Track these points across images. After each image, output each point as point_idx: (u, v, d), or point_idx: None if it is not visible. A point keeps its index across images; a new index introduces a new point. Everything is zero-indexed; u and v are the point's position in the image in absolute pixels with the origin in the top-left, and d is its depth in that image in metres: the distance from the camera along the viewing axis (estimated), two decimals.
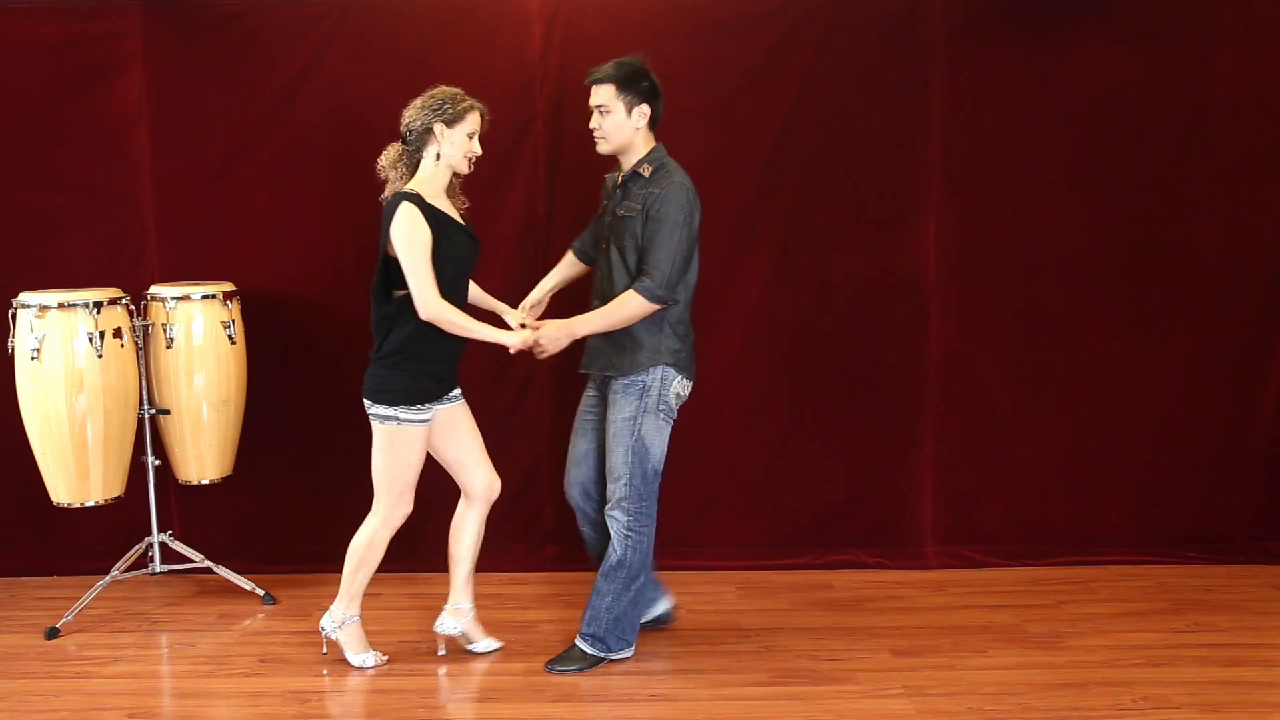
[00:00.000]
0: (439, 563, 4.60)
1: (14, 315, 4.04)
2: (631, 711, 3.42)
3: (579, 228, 4.47)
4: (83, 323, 3.97)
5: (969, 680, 3.58)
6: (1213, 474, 4.58)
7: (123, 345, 4.07)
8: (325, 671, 3.71)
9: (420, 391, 3.54)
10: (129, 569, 4.29)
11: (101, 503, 4.11)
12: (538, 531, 4.64)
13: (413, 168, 3.60)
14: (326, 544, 4.64)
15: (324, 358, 4.55)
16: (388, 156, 3.61)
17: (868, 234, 4.46)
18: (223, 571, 4.33)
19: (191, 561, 4.34)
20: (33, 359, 3.96)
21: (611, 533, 3.66)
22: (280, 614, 4.24)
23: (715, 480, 4.59)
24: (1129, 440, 4.56)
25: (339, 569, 4.58)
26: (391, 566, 4.59)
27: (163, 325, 4.18)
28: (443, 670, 3.73)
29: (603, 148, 3.70)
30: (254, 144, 4.46)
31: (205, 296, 4.21)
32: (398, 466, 3.58)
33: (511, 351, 3.64)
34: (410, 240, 3.41)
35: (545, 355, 3.65)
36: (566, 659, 3.73)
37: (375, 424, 3.56)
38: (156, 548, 4.34)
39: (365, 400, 3.57)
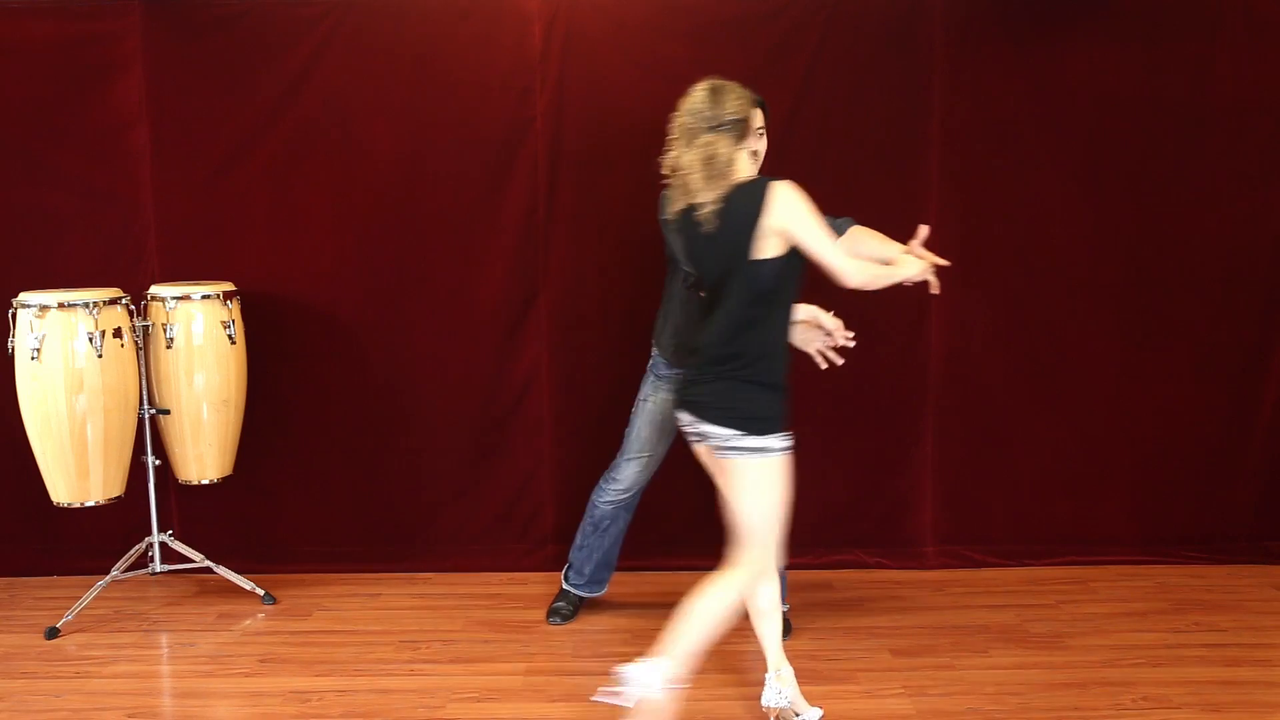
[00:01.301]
0: (438, 562, 4.64)
1: (14, 315, 4.04)
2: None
3: (579, 228, 4.49)
4: (83, 323, 3.97)
5: (969, 680, 3.58)
6: (1213, 474, 4.58)
7: (123, 345, 4.07)
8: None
9: (788, 411, 3.10)
10: (129, 569, 4.29)
11: (101, 503, 4.11)
12: (538, 531, 4.64)
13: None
14: (326, 544, 4.66)
15: (324, 358, 4.55)
16: (730, 146, 3.06)
17: None
18: (223, 571, 4.33)
19: (191, 561, 4.34)
20: (33, 359, 3.96)
21: None
22: (280, 614, 4.24)
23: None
24: (1129, 440, 4.56)
25: (339, 569, 4.61)
26: (392, 566, 4.63)
27: (163, 325, 4.18)
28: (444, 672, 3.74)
29: None
30: (254, 144, 4.46)
31: (205, 296, 4.21)
32: (782, 505, 3.10)
33: (914, 279, 3.31)
34: (810, 210, 3.03)
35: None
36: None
37: (756, 459, 3.04)
38: (156, 548, 4.33)
39: (732, 431, 3.02)
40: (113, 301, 4.05)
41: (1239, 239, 4.47)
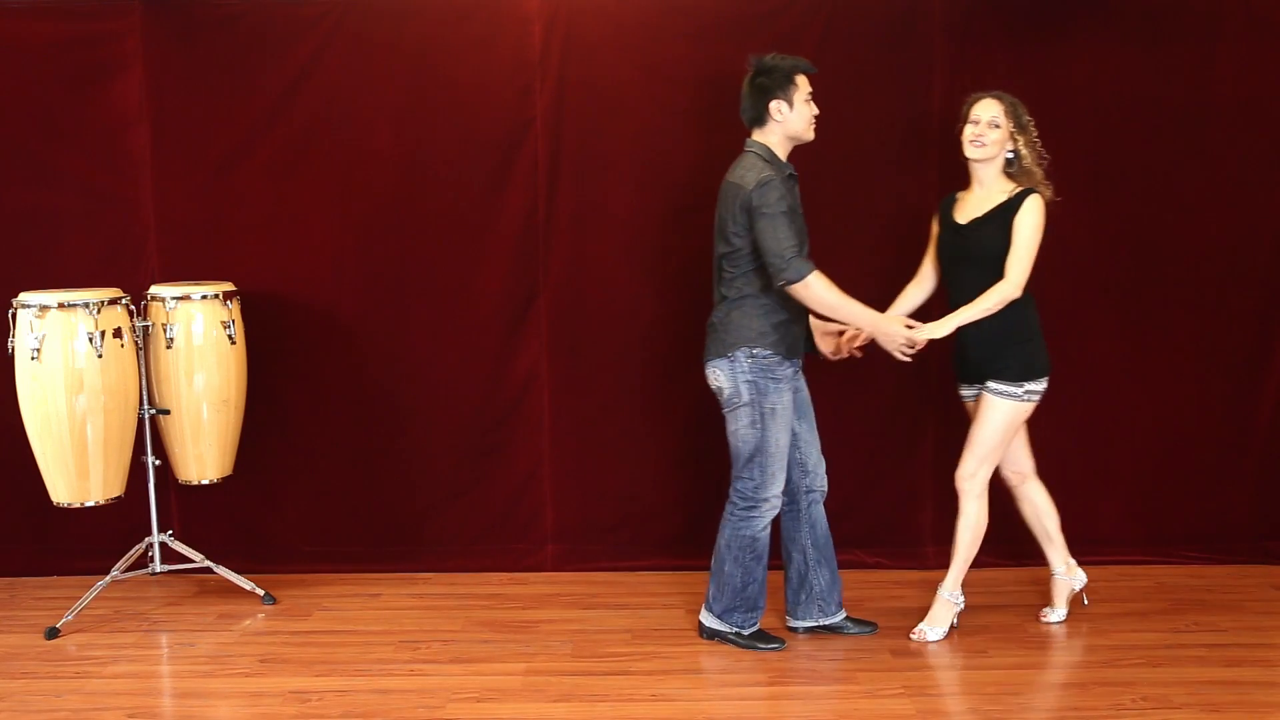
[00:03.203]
0: (438, 562, 4.65)
1: (14, 315, 4.03)
2: (631, 711, 3.42)
3: (579, 228, 4.49)
4: (83, 323, 3.97)
5: (969, 680, 3.58)
6: (1213, 474, 4.57)
7: (123, 345, 4.07)
8: None
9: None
10: (129, 569, 4.29)
11: (101, 503, 4.10)
12: (538, 531, 4.64)
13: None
14: (326, 544, 4.66)
15: (324, 358, 4.55)
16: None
17: (868, 234, 4.47)
18: (223, 571, 4.33)
19: (191, 561, 4.34)
20: (33, 359, 3.96)
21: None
22: (280, 614, 4.24)
23: (715, 481, 4.58)
24: (1129, 440, 4.56)
25: (339, 569, 4.62)
26: (392, 566, 4.63)
27: (163, 325, 4.18)
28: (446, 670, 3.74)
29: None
30: (254, 144, 4.46)
31: (205, 296, 4.21)
32: (1007, 438, 3.85)
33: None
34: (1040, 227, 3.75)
35: None
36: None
37: (1013, 402, 3.76)
38: (156, 548, 4.33)
39: (1009, 385, 3.76)
40: (113, 301, 4.05)
41: (1239, 239, 4.47)
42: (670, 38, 4.35)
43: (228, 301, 4.26)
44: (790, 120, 3.72)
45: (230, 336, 4.25)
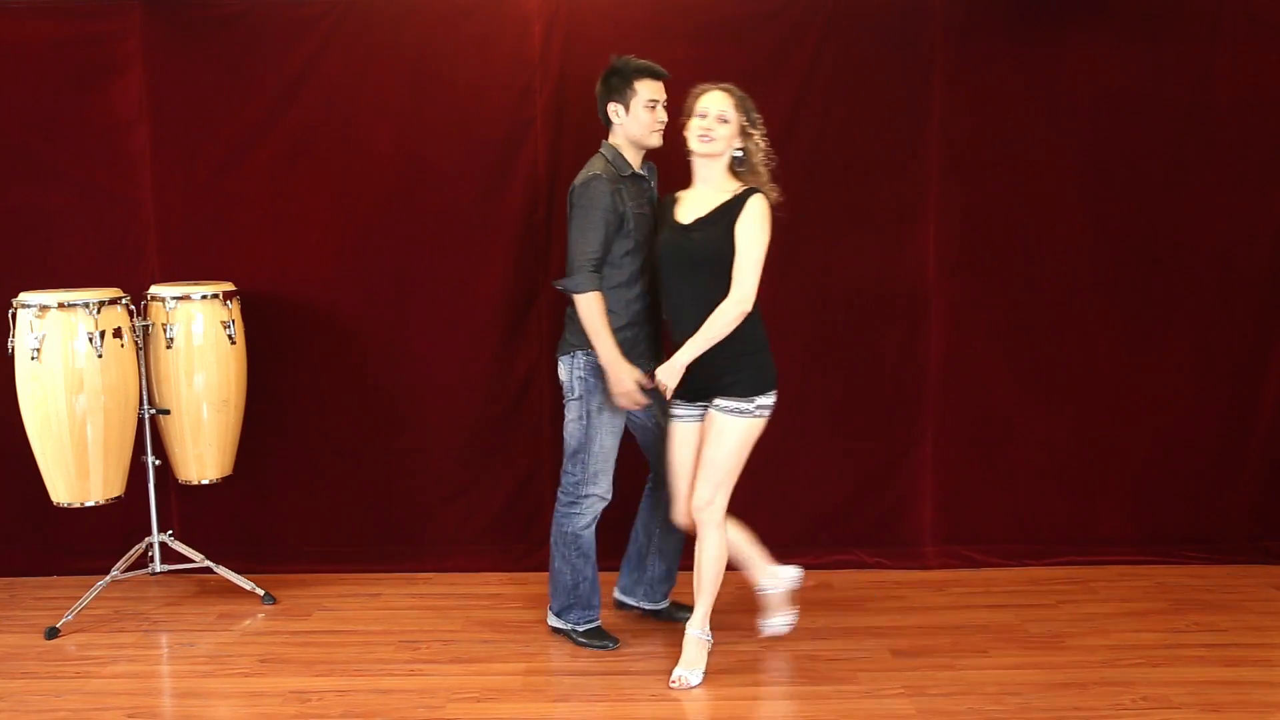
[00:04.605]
0: (438, 562, 4.65)
1: (14, 315, 4.04)
2: (631, 711, 3.42)
3: None
4: (83, 323, 3.97)
5: (969, 680, 3.58)
6: (1213, 474, 4.57)
7: (123, 345, 4.07)
8: None
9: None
10: (129, 569, 4.29)
11: (101, 503, 4.11)
12: (538, 532, 4.64)
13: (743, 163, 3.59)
14: (326, 544, 4.66)
15: (324, 358, 4.55)
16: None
17: (868, 234, 4.47)
18: (223, 571, 4.34)
19: (191, 561, 4.34)
20: (33, 359, 3.96)
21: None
22: (280, 614, 4.24)
23: None
24: (1129, 440, 4.56)
25: (339, 569, 4.62)
26: (392, 566, 4.63)
27: (163, 325, 4.18)
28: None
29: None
30: (254, 144, 4.46)
31: (205, 296, 4.21)
32: (743, 459, 3.57)
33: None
34: (765, 231, 3.50)
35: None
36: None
37: (746, 419, 3.51)
38: (156, 548, 4.34)
39: (740, 401, 3.49)
40: (113, 301, 4.05)
41: (1239, 239, 4.47)
42: (670, 38, 4.35)
43: (228, 301, 4.26)
44: (627, 124, 3.70)
45: (230, 336, 4.25)
